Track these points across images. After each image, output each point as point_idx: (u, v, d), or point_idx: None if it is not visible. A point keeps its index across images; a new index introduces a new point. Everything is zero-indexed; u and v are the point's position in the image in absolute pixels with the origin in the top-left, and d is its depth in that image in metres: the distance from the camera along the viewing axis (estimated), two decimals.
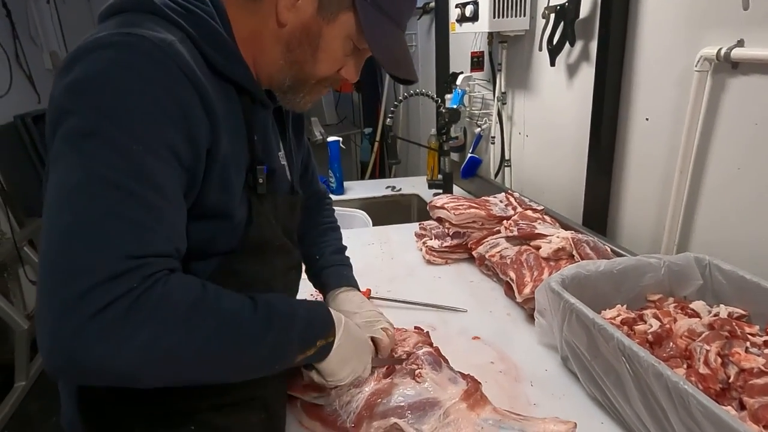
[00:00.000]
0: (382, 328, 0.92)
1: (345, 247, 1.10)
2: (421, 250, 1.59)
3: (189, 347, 0.53)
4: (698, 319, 0.89)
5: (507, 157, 2.05)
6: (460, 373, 0.89)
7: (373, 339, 0.89)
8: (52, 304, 0.48)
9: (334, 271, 1.03)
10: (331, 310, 0.76)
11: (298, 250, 0.89)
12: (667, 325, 0.88)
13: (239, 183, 0.70)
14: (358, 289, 1.03)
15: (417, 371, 0.84)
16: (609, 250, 1.27)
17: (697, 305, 0.96)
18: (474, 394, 0.83)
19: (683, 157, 1.17)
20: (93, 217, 0.51)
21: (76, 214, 0.51)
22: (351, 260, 1.10)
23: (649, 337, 0.87)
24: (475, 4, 1.74)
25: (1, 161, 2.75)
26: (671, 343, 0.84)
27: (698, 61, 1.10)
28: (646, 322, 0.91)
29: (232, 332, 0.57)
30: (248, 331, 0.59)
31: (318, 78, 0.74)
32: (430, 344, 0.97)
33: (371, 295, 1.30)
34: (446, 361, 0.96)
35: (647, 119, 1.31)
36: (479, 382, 0.88)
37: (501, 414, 0.80)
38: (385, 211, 2.27)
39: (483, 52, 2.07)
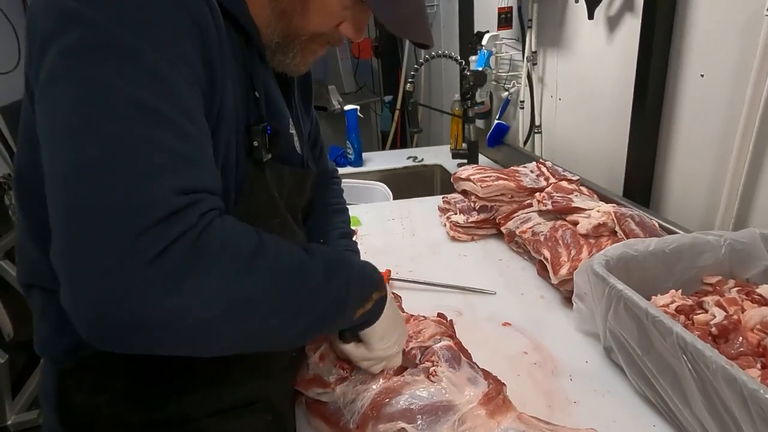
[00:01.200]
0: None
1: (352, 232, 0.99)
2: (445, 225, 1.48)
3: (264, 294, 0.48)
4: None
5: (537, 123, 1.89)
6: (483, 370, 0.78)
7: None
8: (94, 256, 0.40)
9: None
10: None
11: (303, 231, 0.80)
12: (734, 316, 0.75)
13: (238, 141, 0.60)
14: None
15: (432, 369, 0.74)
16: (657, 225, 1.13)
17: (766, 290, 0.83)
18: (495, 398, 0.71)
19: (747, 118, 1.02)
20: (129, 144, 0.42)
21: (105, 143, 0.42)
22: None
23: (713, 329, 0.75)
24: None
25: (16, 137, 2.72)
26: (740, 338, 0.72)
27: None
28: (707, 311, 0.79)
29: (301, 279, 0.52)
30: (314, 279, 0.54)
31: (310, 33, 0.63)
32: (451, 336, 0.86)
33: (391, 277, 1.20)
34: (468, 356, 0.85)
35: (702, 75, 1.15)
36: (503, 384, 0.77)
37: (526, 422, 0.69)
38: (407, 184, 2.15)
39: (511, 7, 1.90)
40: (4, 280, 2.25)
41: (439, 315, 0.96)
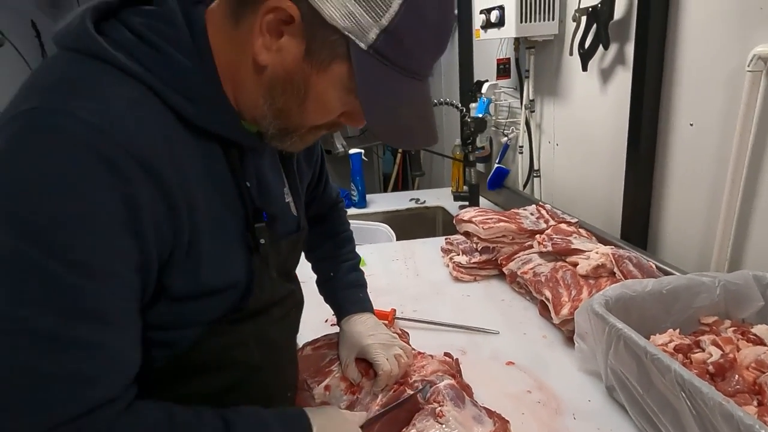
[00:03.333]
0: (395, 355, 0.87)
1: (359, 260, 1.03)
2: (448, 266, 1.51)
3: None
4: (765, 348, 0.79)
5: (536, 168, 1.96)
6: (485, 409, 0.80)
7: (374, 364, 0.86)
8: None
9: (349, 295, 0.97)
10: (308, 413, 0.65)
11: (299, 285, 0.80)
12: (730, 354, 0.78)
13: (233, 249, 0.60)
14: (372, 312, 0.97)
15: (438, 409, 0.76)
16: (654, 267, 1.17)
17: (761, 330, 0.86)
18: None
19: (735, 164, 1.07)
20: (17, 377, 0.44)
21: (4, 370, 0.44)
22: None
23: (710, 368, 0.77)
24: (501, 9, 1.67)
25: None
26: (736, 376, 0.75)
27: (751, 61, 1.00)
28: (704, 350, 0.82)
29: None
30: None
31: (309, 126, 0.61)
32: (453, 375, 0.89)
33: (396, 316, 1.23)
34: (470, 393, 0.88)
35: (691, 124, 1.22)
36: (507, 421, 0.79)
37: None
38: (409, 225, 2.20)
39: (509, 58, 2.00)
40: None
41: (446, 354, 0.99)
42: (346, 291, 0.97)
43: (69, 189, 0.44)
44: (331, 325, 1.14)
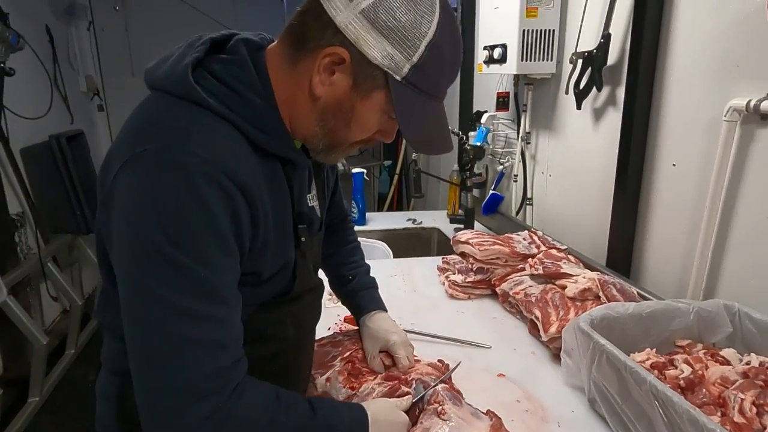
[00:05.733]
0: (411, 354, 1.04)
1: (369, 266, 1.18)
2: (443, 284, 1.60)
3: None
4: (731, 366, 0.88)
5: (529, 196, 2.07)
6: (478, 409, 0.89)
7: (396, 358, 1.01)
8: (154, 415, 0.60)
9: (367, 295, 1.12)
10: (366, 408, 0.78)
11: (321, 281, 0.95)
12: (699, 372, 0.87)
13: (286, 245, 0.76)
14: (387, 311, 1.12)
15: (440, 408, 0.85)
16: (636, 293, 1.27)
17: (728, 353, 0.96)
18: (500, 429, 0.84)
19: (711, 203, 1.19)
20: (171, 343, 0.59)
21: (156, 341, 0.59)
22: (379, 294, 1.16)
23: (681, 382, 0.86)
24: (504, 47, 1.80)
25: (32, 178, 2.84)
26: (704, 390, 0.84)
27: (727, 112, 1.12)
28: (676, 367, 0.91)
29: None
30: None
31: (351, 142, 0.75)
32: (445, 380, 0.98)
33: None
34: (461, 395, 0.96)
35: (674, 165, 1.33)
36: (499, 417, 0.88)
37: None
38: (406, 244, 2.29)
39: (509, 92, 2.13)
40: (5, 315, 2.30)
41: (439, 361, 1.07)
42: (366, 291, 1.11)
43: (197, 207, 0.60)
44: (328, 329, 1.22)
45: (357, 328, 1.12)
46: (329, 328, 1.29)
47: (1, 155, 2.59)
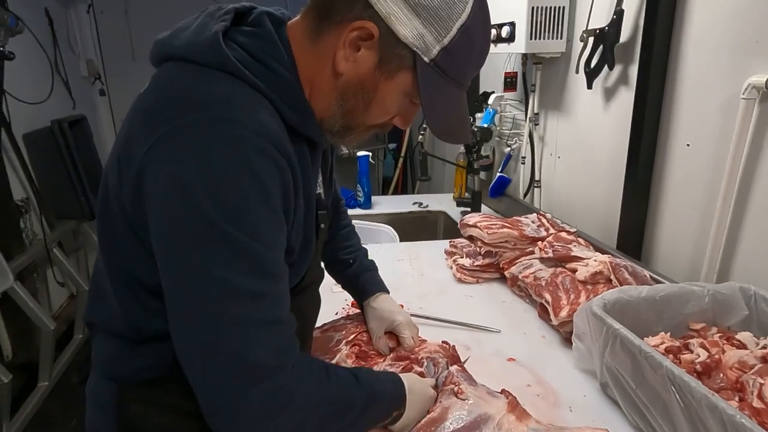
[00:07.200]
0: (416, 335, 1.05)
1: (367, 249, 1.17)
2: (451, 268, 1.58)
3: (320, 427, 0.64)
4: (748, 350, 0.87)
5: (537, 178, 2.04)
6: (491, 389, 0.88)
7: (400, 338, 1.02)
8: (219, 397, 0.57)
9: (369, 277, 1.11)
10: (402, 378, 0.80)
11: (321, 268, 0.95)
12: (716, 356, 0.86)
13: (309, 230, 0.75)
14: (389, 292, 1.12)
15: (456, 388, 0.85)
16: (648, 276, 1.25)
17: (744, 336, 0.94)
18: (518, 405, 0.84)
19: (727, 184, 1.16)
20: (230, 325, 0.57)
21: (214, 322, 0.57)
22: (381, 275, 1.16)
23: (697, 367, 0.85)
24: (512, 25, 1.75)
25: (35, 164, 2.82)
26: (721, 374, 0.82)
27: (746, 89, 1.09)
28: (692, 351, 0.89)
29: (348, 412, 0.68)
30: (356, 410, 0.69)
31: (368, 125, 0.73)
32: (456, 360, 0.99)
33: None
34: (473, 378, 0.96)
35: (688, 145, 1.30)
36: (514, 395, 0.87)
37: (544, 426, 0.81)
38: (412, 227, 2.27)
39: (516, 72, 2.08)
40: (12, 301, 2.30)
41: (444, 342, 1.06)
42: (367, 274, 1.11)
43: (251, 181, 0.57)
44: (335, 313, 1.21)
45: (359, 311, 1.12)
46: (336, 313, 1.28)
47: (4, 141, 2.57)
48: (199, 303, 0.57)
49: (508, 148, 2.18)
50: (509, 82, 2.10)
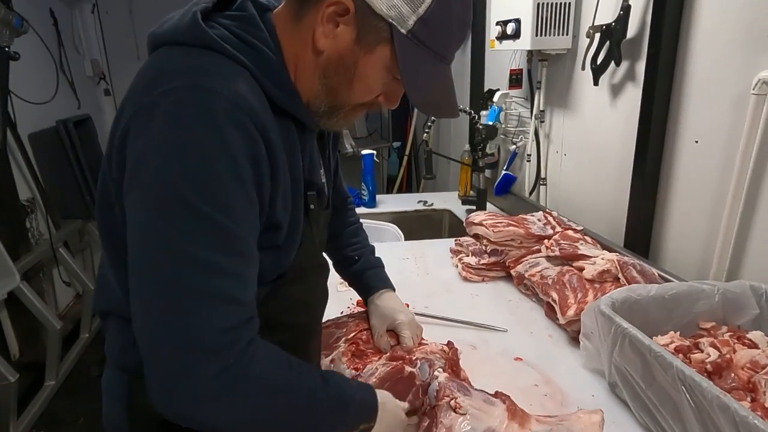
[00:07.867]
0: (416, 334, 1.02)
1: (374, 246, 1.16)
2: (457, 266, 1.57)
3: (271, 420, 0.62)
4: (759, 350, 0.85)
5: (543, 176, 2.02)
6: (486, 392, 0.87)
7: (400, 337, 1.00)
8: (161, 371, 0.56)
9: (375, 274, 1.10)
10: (377, 393, 0.77)
11: (325, 258, 0.93)
12: (727, 355, 0.85)
13: (297, 210, 0.72)
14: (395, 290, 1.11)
15: (453, 402, 0.82)
16: (656, 274, 1.23)
17: (755, 335, 0.93)
18: (515, 409, 0.82)
19: (737, 181, 1.14)
20: (185, 295, 0.55)
21: (169, 292, 0.55)
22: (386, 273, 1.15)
23: (708, 366, 0.84)
24: (517, 21, 1.74)
25: (41, 164, 2.83)
26: (732, 374, 0.81)
27: (756, 84, 1.07)
28: (702, 351, 0.88)
29: (307, 410, 0.64)
30: (318, 409, 0.66)
31: (353, 104, 0.72)
32: (452, 363, 0.96)
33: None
34: (466, 380, 0.94)
35: (697, 141, 1.28)
36: (508, 396, 0.85)
37: (545, 422, 0.80)
38: (417, 226, 2.26)
39: (522, 69, 2.07)
40: (19, 301, 2.31)
41: (449, 343, 1.04)
42: (373, 271, 1.10)
43: (221, 152, 0.56)
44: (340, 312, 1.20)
45: (365, 309, 1.11)
46: (342, 312, 1.27)
47: (10, 141, 2.58)
48: (154, 271, 0.56)
49: (514, 146, 2.17)
50: (514, 79, 2.08)
